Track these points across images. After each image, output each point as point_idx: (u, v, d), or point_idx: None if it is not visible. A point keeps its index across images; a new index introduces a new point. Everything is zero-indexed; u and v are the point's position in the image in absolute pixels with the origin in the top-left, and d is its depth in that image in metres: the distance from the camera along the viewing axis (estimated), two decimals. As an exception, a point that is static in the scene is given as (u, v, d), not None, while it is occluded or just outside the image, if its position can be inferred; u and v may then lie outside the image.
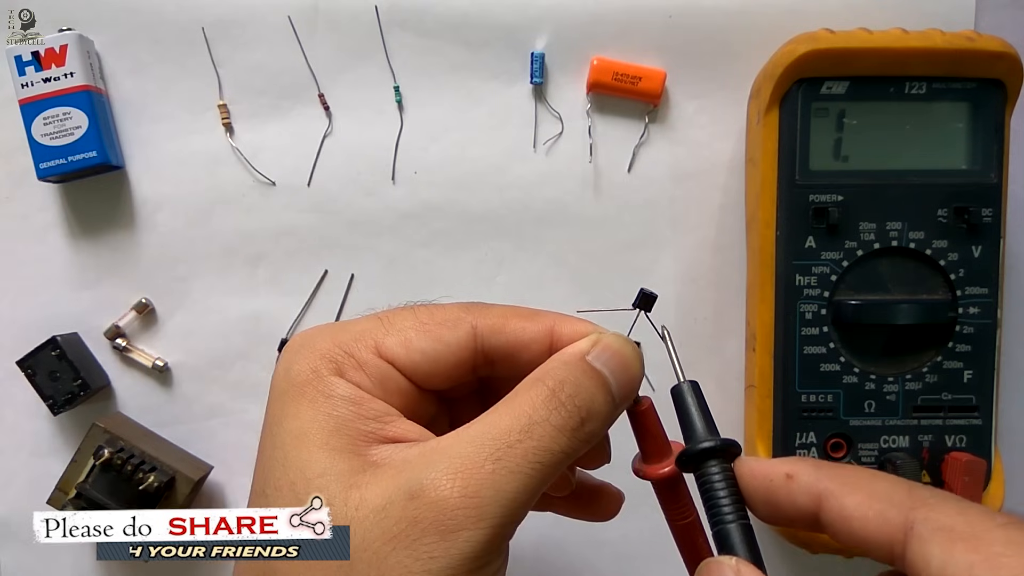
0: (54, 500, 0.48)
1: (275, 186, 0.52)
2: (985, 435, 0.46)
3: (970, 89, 0.45)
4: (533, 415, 0.25)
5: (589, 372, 0.27)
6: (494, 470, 0.24)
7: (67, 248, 0.52)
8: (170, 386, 0.53)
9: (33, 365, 0.49)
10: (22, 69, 0.48)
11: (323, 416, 0.26)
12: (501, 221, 0.52)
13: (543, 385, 0.26)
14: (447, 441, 0.25)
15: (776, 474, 0.26)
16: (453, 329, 0.28)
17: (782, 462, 0.27)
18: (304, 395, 0.27)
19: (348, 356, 0.27)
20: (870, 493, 0.24)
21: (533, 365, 0.28)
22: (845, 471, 0.26)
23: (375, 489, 0.24)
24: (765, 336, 0.47)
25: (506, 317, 0.29)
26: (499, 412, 0.26)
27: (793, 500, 0.26)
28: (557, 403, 0.25)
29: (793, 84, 0.45)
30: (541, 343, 0.29)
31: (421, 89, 0.51)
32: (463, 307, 0.30)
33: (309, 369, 0.27)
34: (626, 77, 0.50)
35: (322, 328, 0.29)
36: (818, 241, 0.46)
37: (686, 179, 0.52)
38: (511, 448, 0.24)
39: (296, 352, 0.28)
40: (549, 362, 0.27)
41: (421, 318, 0.29)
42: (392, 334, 0.28)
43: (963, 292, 0.46)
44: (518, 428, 0.25)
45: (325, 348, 0.28)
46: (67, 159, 0.48)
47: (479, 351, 0.29)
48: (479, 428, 0.25)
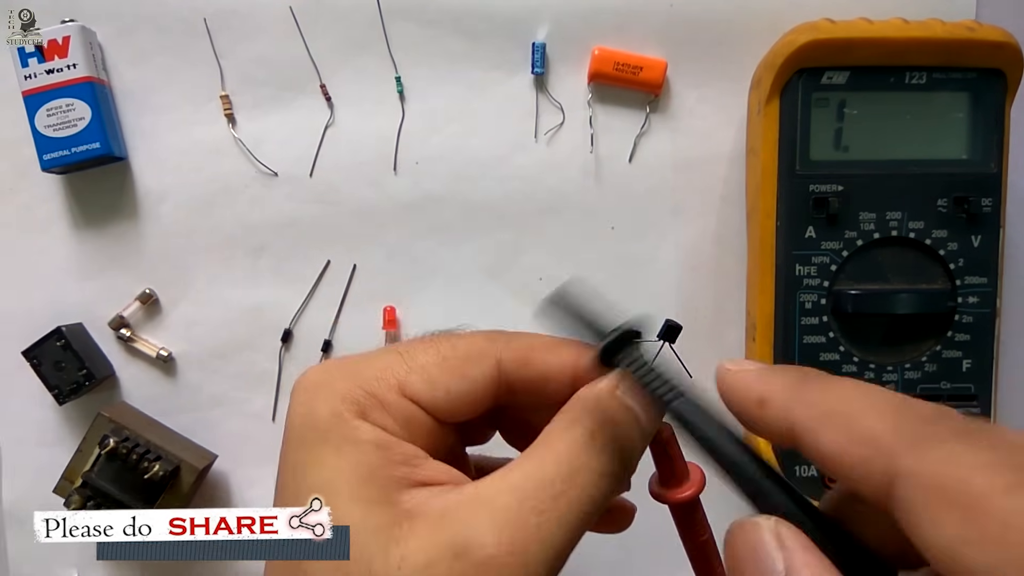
0: (60, 489, 0.49)
1: (277, 177, 0.52)
2: (983, 424, 0.47)
3: (970, 79, 0.46)
4: (574, 461, 0.24)
5: (623, 409, 0.26)
6: (539, 524, 0.23)
7: (71, 239, 0.52)
8: (174, 376, 0.53)
9: (38, 355, 0.50)
10: (25, 61, 0.48)
11: (351, 464, 0.24)
12: (503, 211, 0.52)
13: (581, 427, 0.25)
14: (487, 490, 0.24)
15: (748, 400, 0.23)
16: (477, 364, 0.27)
17: (759, 377, 0.23)
18: (327, 441, 0.25)
19: (371, 396, 0.26)
20: (848, 432, 0.20)
21: (557, 396, 0.27)
22: (825, 396, 0.21)
23: (416, 544, 0.23)
24: (765, 325, 0.47)
25: (531, 349, 0.28)
26: (539, 458, 0.24)
27: (770, 431, 0.22)
28: (598, 446, 0.25)
29: (794, 74, 0.45)
30: (566, 375, 0.27)
31: (423, 80, 0.51)
32: (486, 338, 0.28)
33: (330, 412, 0.25)
34: (627, 67, 0.50)
35: (337, 365, 0.27)
36: (818, 231, 0.46)
37: (687, 169, 0.52)
38: (556, 499, 0.23)
39: (313, 394, 0.26)
40: (582, 399, 0.26)
41: (443, 352, 0.27)
42: (415, 371, 0.26)
43: (962, 281, 0.46)
44: (561, 477, 0.24)
45: (345, 388, 0.26)
46: (70, 150, 0.49)
47: (503, 384, 0.27)
48: (520, 476, 0.24)
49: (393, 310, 0.52)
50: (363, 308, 0.52)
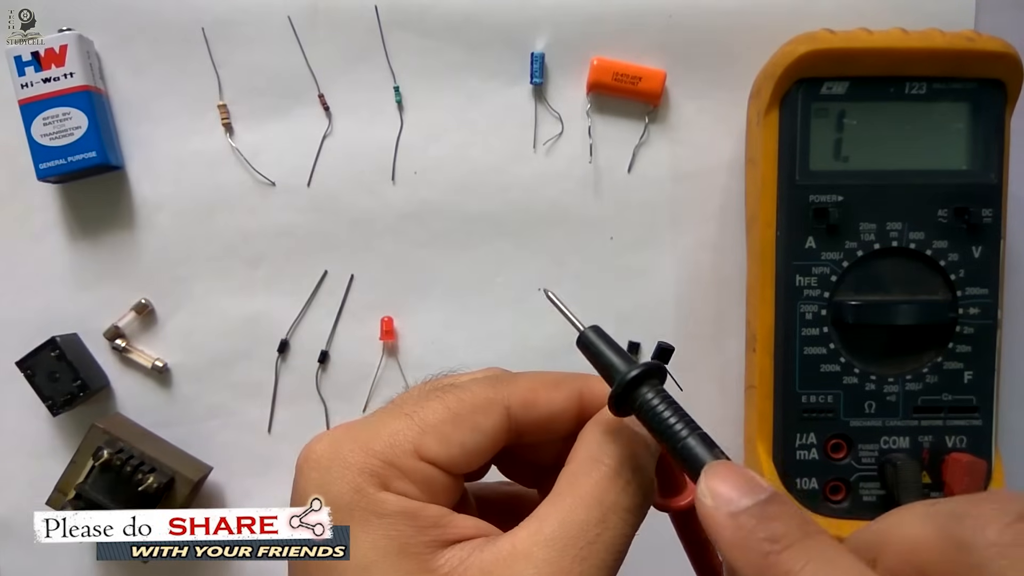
0: (53, 501, 0.48)
1: (275, 186, 0.52)
2: (985, 436, 0.46)
3: (970, 89, 0.45)
4: (604, 501, 0.24)
5: (634, 439, 0.26)
6: (582, 571, 0.23)
7: (67, 249, 0.52)
8: (169, 387, 0.52)
9: (32, 366, 0.49)
10: (22, 69, 0.48)
11: (382, 540, 0.24)
12: (501, 221, 0.52)
13: (603, 465, 0.25)
14: (523, 544, 0.24)
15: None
16: (487, 415, 0.27)
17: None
18: (353, 519, 0.24)
19: (388, 466, 0.25)
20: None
21: (564, 432, 0.27)
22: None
23: None
24: (765, 337, 0.47)
25: (535, 390, 0.28)
26: (568, 504, 0.25)
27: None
28: (623, 483, 0.25)
29: (793, 84, 0.45)
30: (571, 410, 0.28)
31: (421, 89, 0.51)
32: (489, 385, 0.28)
33: (351, 489, 0.24)
34: (626, 77, 0.50)
35: (345, 435, 0.26)
36: (818, 241, 0.46)
37: (686, 179, 0.52)
38: (592, 544, 0.24)
39: (326, 471, 0.25)
40: (594, 435, 0.26)
41: (451, 407, 0.27)
42: (428, 432, 0.26)
43: (963, 292, 0.46)
44: (594, 521, 0.24)
45: (359, 461, 0.25)
46: (67, 159, 0.48)
47: (512, 429, 0.27)
48: (555, 526, 0.24)
49: (391, 320, 0.52)
50: (361, 318, 0.52)
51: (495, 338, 0.52)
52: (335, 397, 0.52)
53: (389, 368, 0.52)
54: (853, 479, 0.46)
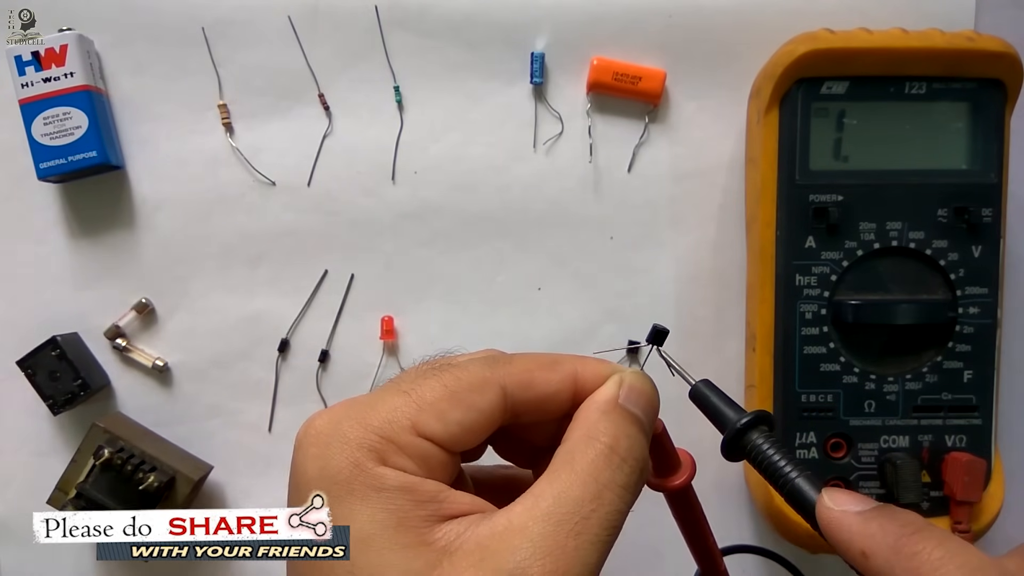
0: (54, 500, 0.48)
1: (275, 186, 0.52)
2: (985, 435, 0.46)
3: (970, 89, 0.45)
4: (599, 478, 0.25)
5: (629, 418, 0.27)
6: (577, 546, 0.24)
7: (67, 248, 0.52)
8: (170, 386, 0.53)
9: (33, 365, 0.49)
10: (22, 69, 0.48)
11: (381, 513, 0.24)
12: (501, 221, 0.52)
13: (598, 443, 0.26)
14: (519, 519, 0.24)
15: (852, 550, 0.26)
16: (483, 393, 0.27)
17: (862, 528, 0.26)
18: (352, 493, 0.25)
19: (386, 441, 0.26)
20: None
21: (559, 412, 0.28)
22: (921, 561, 0.24)
23: None
24: (765, 336, 0.47)
25: (530, 371, 0.28)
26: (564, 481, 0.25)
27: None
28: (618, 461, 0.26)
29: (793, 84, 0.45)
30: (566, 391, 0.28)
31: (421, 89, 0.51)
32: (486, 365, 0.28)
33: (349, 463, 0.25)
34: (626, 77, 0.50)
35: (344, 412, 0.27)
36: (818, 241, 0.46)
37: (686, 179, 0.52)
38: (587, 520, 0.24)
39: (326, 446, 0.26)
40: (589, 414, 0.27)
41: (448, 385, 0.27)
42: (425, 410, 0.26)
43: (963, 292, 0.46)
44: (589, 497, 0.25)
45: (359, 436, 0.25)
46: (67, 159, 0.48)
47: (508, 409, 0.28)
48: (550, 502, 0.24)
49: (391, 320, 0.52)
50: (361, 318, 0.52)
51: (495, 337, 0.52)
52: (335, 396, 0.52)
53: (389, 367, 0.52)
54: (853, 478, 0.46)
